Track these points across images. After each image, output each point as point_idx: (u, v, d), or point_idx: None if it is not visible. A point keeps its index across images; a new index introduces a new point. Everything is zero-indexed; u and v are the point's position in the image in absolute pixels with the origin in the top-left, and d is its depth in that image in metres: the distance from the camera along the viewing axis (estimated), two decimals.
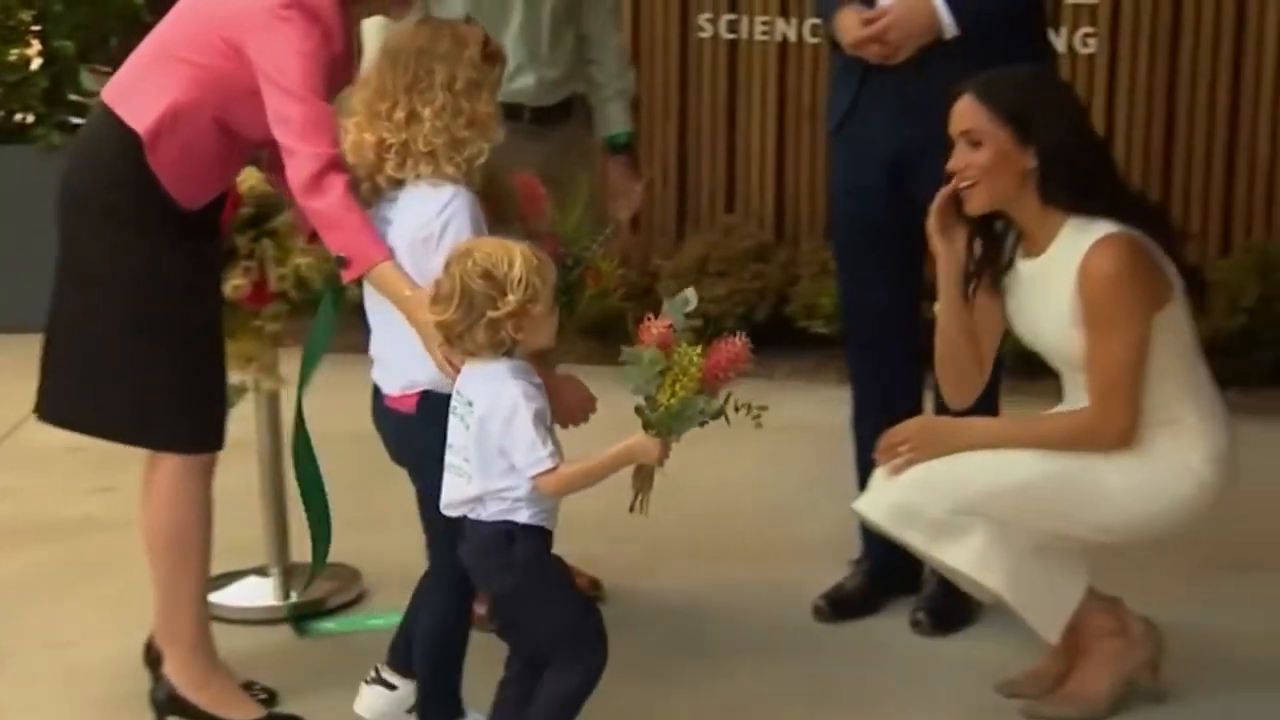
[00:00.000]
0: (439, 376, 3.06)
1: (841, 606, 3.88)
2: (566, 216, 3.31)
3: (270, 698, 3.48)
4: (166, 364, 3.23)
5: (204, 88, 3.16)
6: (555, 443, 2.93)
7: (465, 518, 3.01)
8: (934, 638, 3.75)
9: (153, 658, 3.42)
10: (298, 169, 3.06)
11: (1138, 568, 3.43)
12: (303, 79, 3.07)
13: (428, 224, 3.04)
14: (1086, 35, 5.81)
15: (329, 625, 3.91)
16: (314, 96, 3.08)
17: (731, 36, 6.24)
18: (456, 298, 2.90)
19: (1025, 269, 3.30)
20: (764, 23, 6.18)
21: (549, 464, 2.90)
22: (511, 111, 3.56)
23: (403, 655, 3.29)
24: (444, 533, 3.18)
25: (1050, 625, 3.31)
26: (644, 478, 2.97)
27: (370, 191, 3.11)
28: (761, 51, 6.22)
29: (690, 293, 2.96)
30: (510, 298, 2.88)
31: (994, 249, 3.34)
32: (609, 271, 3.37)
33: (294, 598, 3.96)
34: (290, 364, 3.97)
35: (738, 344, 2.89)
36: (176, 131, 3.15)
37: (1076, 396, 3.29)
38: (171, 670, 3.37)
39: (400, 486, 3.65)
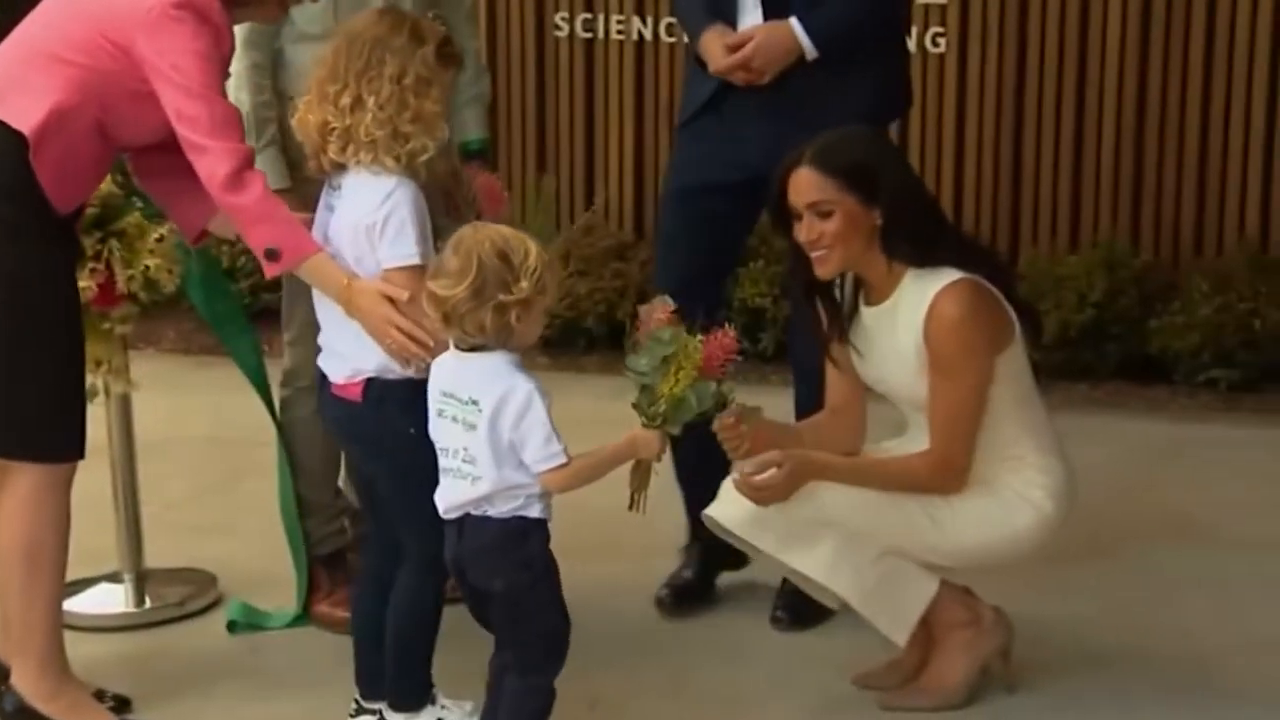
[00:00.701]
0: (384, 363, 3.09)
1: (683, 594, 3.92)
2: (534, 219, 3.31)
3: (121, 705, 3.42)
4: (35, 371, 3.16)
5: (86, 89, 3.12)
6: None
7: (468, 515, 2.95)
8: (793, 633, 3.79)
9: None
10: (213, 166, 3.06)
11: None
12: (202, 77, 3.08)
13: (370, 213, 3.06)
14: (936, 35, 5.89)
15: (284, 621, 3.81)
16: (214, 94, 3.10)
17: (588, 36, 6.24)
18: (471, 276, 2.84)
19: (868, 316, 3.36)
20: (620, 22, 6.18)
21: (563, 459, 2.88)
22: None
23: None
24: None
25: (897, 629, 3.36)
26: (642, 474, 3.00)
27: (317, 169, 3.14)
28: (618, 50, 6.22)
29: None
30: (524, 284, 2.85)
31: (831, 303, 3.40)
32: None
33: (148, 604, 3.90)
34: (142, 367, 3.92)
35: (729, 335, 2.96)
36: (61, 133, 3.11)
37: (918, 435, 3.35)
38: (20, 681, 3.30)
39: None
